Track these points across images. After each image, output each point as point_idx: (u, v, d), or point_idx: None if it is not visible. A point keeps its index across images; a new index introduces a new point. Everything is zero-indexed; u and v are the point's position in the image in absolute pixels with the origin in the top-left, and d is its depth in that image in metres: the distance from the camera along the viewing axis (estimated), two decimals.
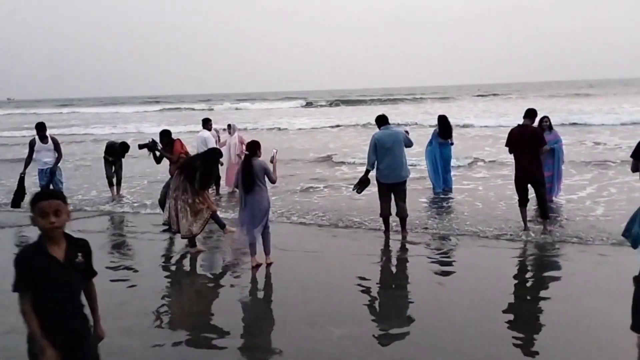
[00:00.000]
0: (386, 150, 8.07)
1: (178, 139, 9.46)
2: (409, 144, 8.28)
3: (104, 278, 6.69)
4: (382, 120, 8.35)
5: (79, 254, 3.00)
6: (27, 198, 9.46)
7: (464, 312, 5.41)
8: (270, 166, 6.96)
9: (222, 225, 8.17)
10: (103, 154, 12.38)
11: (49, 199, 2.91)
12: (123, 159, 12.44)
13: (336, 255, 7.62)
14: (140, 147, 9.63)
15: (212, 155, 7.89)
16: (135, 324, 5.30)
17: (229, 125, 12.23)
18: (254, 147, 6.96)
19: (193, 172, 7.49)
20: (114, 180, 12.23)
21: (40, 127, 10.10)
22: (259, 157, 6.98)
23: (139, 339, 4.96)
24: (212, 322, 5.57)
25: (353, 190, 8.76)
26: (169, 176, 9.11)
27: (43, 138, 10.10)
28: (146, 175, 14.82)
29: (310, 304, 5.78)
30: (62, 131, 32.18)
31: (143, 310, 5.67)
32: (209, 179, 7.73)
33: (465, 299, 5.77)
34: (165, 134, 9.40)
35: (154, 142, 9.45)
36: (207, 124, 11.59)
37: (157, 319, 5.55)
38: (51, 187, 9.86)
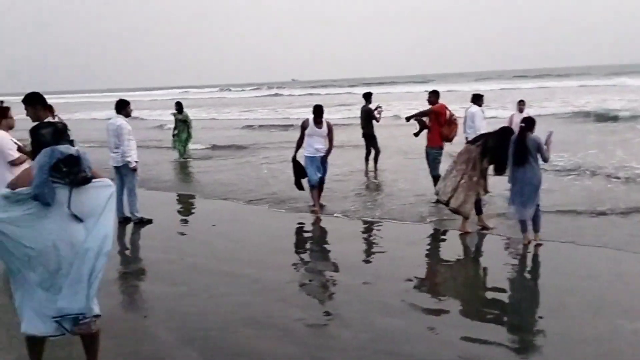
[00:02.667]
0: None
1: (442, 103, 9.31)
2: None
3: (358, 246, 7.17)
4: None
5: None
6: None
7: None
8: (538, 138, 6.75)
9: (479, 211, 7.72)
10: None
11: None
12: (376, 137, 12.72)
13: (619, 242, 6.79)
14: (408, 119, 9.83)
15: (506, 136, 7.27)
16: (401, 289, 5.53)
17: (521, 101, 11.72)
18: (530, 123, 6.87)
19: (485, 150, 7.28)
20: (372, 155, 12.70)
21: (317, 111, 8.92)
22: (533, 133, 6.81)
23: (403, 301, 5.20)
24: (485, 297, 5.53)
25: None
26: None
27: (318, 123, 8.97)
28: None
29: (590, 292, 5.32)
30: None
31: (405, 277, 5.87)
32: (502, 161, 7.15)
33: None
34: (433, 93, 9.44)
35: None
36: (478, 100, 11.14)
37: (422, 285, 5.76)
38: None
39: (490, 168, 7.43)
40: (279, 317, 4.91)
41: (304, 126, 9.04)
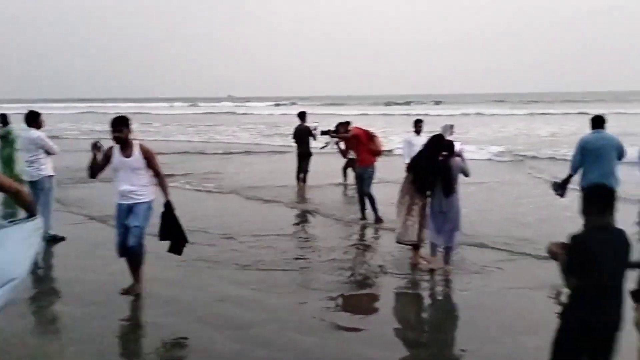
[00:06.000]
0: (594, 156, 7.35)
1: (356, 126, 9.58)
2: (621, 153, 7.39)
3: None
4: (596, 122, 7.57)
5: None
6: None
7: None
8: (460, 161, 6.83)
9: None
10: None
11: None
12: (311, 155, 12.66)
13: (527, 267, 7.06)
14: (323, 133, 9.86)
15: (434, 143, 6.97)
16: (321, 307, 5.56)
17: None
18: (452, 148, 6.80)
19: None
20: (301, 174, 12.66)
21: (116, 124, 5.57)
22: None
23: (322, 320, 5.23)
24: (401, 318, 5.67)
25: (556, 193, 7.98)
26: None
27: (124, 148, 5.62)
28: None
29: (504, 311, 5.57)
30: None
31: (325, 295, 5.93)
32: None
33: None
34: (342, 125, 9.74)
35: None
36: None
37: (343, 304, 5.81)
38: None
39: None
40: (195, 338, 4.83)
41: (107, 155, 5.68)
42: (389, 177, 11.31)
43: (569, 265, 3.16)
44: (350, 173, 12.03)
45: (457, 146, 6.99)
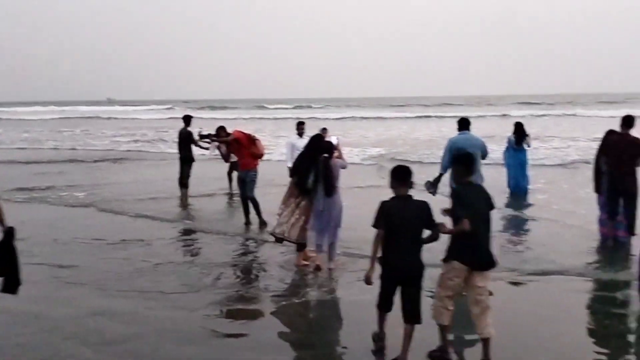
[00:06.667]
0: None
1: (237, 130, 9.54)
2: (485, 153, 7.96)
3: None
4: (462, 124, 8.09)
5: None
6: None
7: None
8: (339, 157, 7.04)
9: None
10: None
11: None
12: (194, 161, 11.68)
13: None
14: (202, 136, 9.67)
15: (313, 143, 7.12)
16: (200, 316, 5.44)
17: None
18: (331, 149, 6.92)
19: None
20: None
21: None
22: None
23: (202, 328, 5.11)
24: (286, 321, 5.63)
25: (428, 191, 8.36)
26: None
27: None
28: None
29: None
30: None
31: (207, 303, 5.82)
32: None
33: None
34: (221, 129, 9.70)
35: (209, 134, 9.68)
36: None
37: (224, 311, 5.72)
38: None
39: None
40: (63, 357, 4.52)
41: None
42: (273, 180, 11.33)
43: (375, 220, 4.31)
44: (235, 177, 11.75)
45: (334, 140, 7.19)
